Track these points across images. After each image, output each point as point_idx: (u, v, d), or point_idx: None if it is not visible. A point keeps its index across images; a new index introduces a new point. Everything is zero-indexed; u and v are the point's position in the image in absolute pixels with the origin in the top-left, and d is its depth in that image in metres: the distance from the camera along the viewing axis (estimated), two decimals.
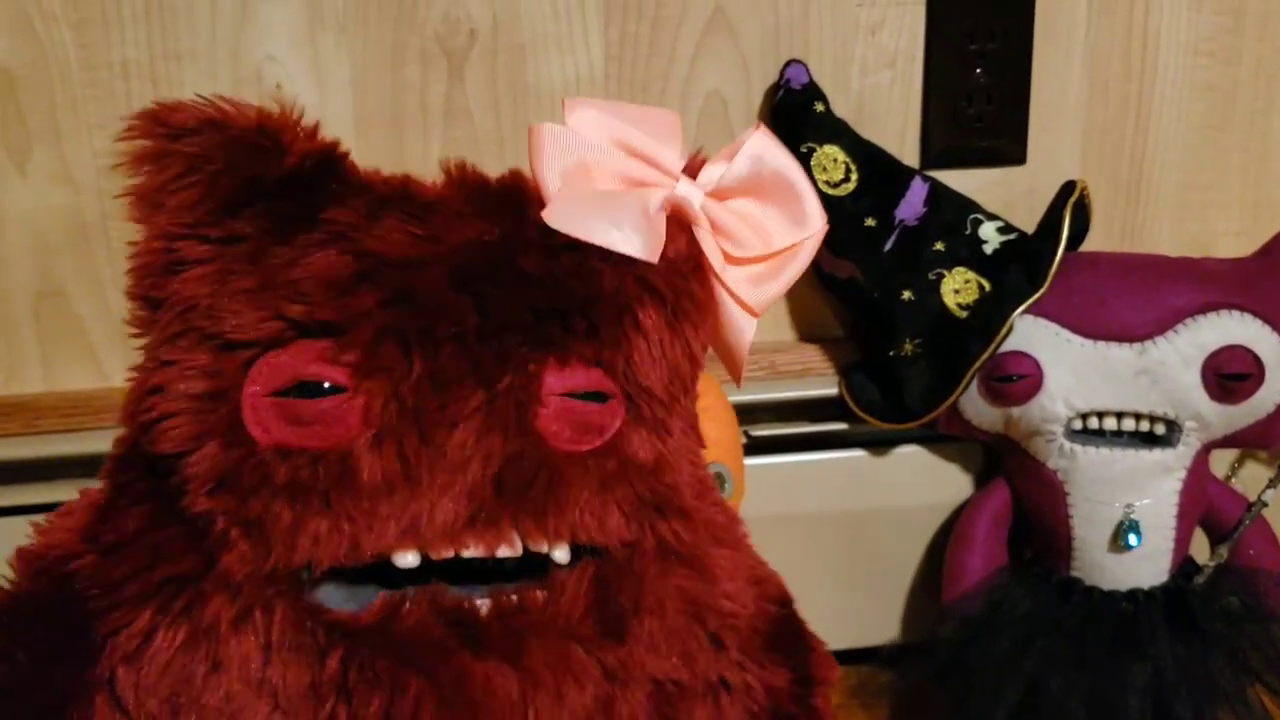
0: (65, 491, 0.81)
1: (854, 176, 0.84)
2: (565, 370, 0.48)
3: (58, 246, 0.82)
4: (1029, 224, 0.83)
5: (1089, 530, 0.81)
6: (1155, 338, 0.78)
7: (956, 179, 0.88)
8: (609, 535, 0.49)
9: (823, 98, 0.84)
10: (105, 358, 0.84)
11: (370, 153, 0.83)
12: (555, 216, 0.48)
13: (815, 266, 0.85)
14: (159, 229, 0.48)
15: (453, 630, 0.46)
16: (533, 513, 0.47)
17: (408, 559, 0.46)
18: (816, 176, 0.83)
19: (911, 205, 0.84)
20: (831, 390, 0.88)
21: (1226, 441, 0.82)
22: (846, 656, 0.91)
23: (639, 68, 0.84)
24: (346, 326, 0.46)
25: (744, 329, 0.53)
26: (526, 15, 0.82)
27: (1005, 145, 0.89)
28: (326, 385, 0.45)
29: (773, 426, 0.90)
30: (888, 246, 0.84)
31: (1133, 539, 0.79)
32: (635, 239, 0.48)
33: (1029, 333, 0.79)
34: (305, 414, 0.45)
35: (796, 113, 0.84)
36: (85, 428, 0.83)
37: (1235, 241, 0.93)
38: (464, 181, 0.51)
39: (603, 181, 0.50)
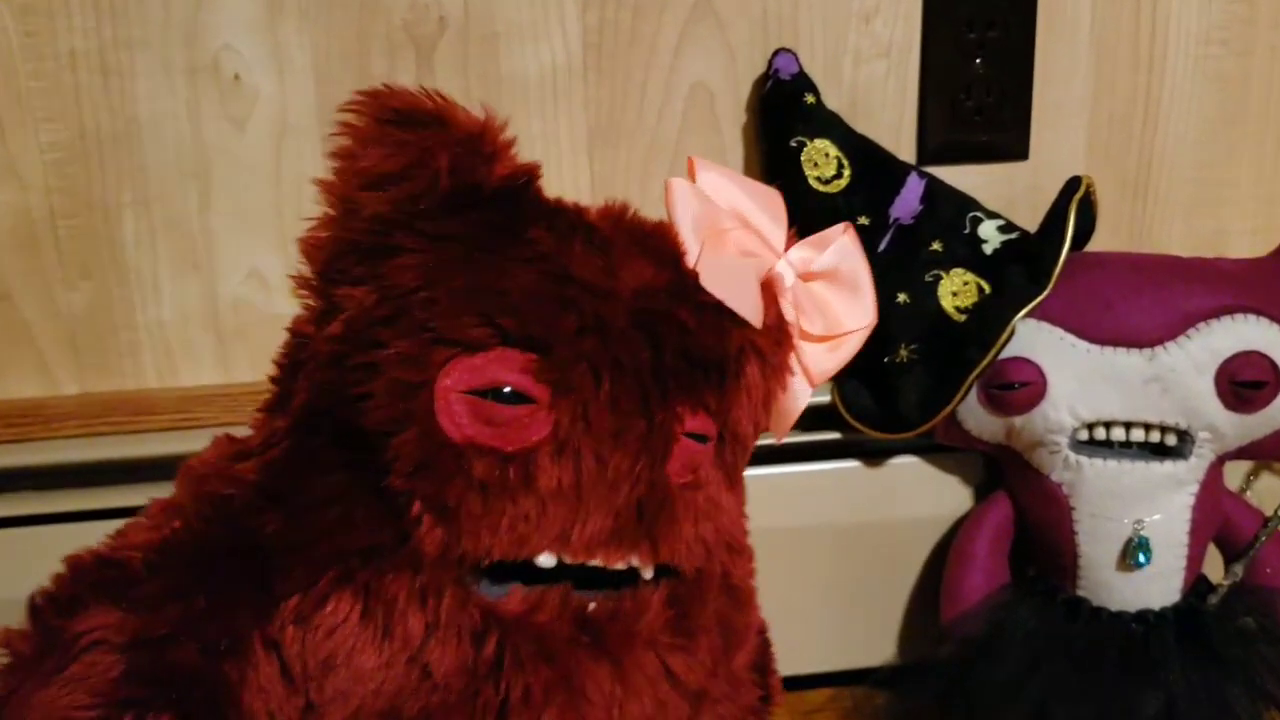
0: (13, 505, 0.77)
1: (846, 172, 0.80)
2: (696, 415, 0.53)
3: (3, 247, 0.77)
4: (1031, 223, 0.79)
5: (1096, 547, 0.76)
6: (1166, 343, 0.73)
7: (955, 175, 0.83)
8: (692, 562, 0.54)
9: (813, 89, 0.79)
10: (54, 364, 0.80)
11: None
12: (706, 277, 0.53)
13: None
14: (375, 210, 0.50)
15: (578, 628, 0.51)
16: (656, 537, 0.52)
17: (549, 560, 0.50)
18: (807, 172, 0.79)
19: (907, 203, 0.79)
20: (825, 398, 0.83)
21: (1242, 453, 0.77)
22: (840, 678, 0.86)
23: (619, 57, 0.80)
24: (550, 344, 0.49)
25: (801, 396, 0.60)
26: (499, 1, 0.77)
27: (1006, 140, 0.85)
28: (522, 394, 0.49)
29: (763, 436, 0.85)
30: (882, 246, 0.79)
31: (1142, 557, 0.75)
32: (754, 306, 0.54)
33: (1032, 337, 0.75)
34: (498, 416, 0.48)
35: (785, 105, 0.79)
36: (33, 437, 0.78)
37: (1250, 240, 0.89)
38: (621, 221, 0.55)
39: (727, 246, 0.55)
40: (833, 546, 0.85)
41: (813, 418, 0.85)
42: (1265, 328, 0.73)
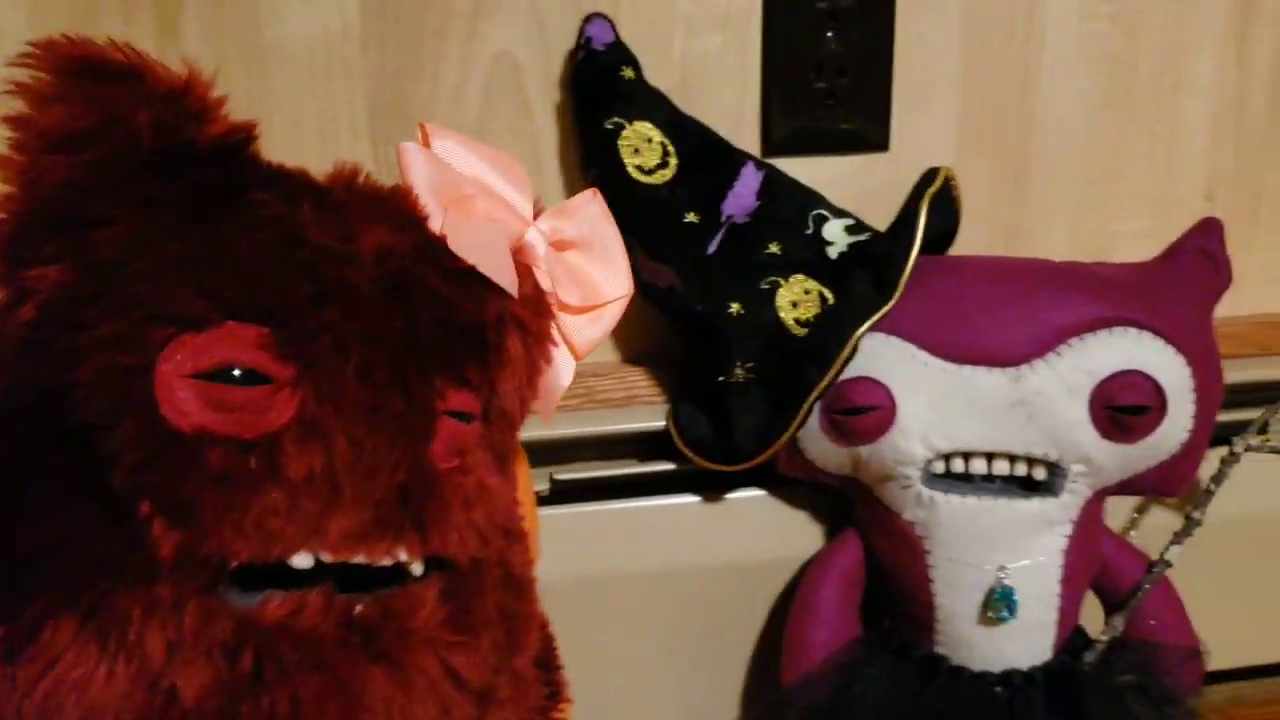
0: None
1: (672, 161, 0.68)
2: (458, 391, 0.49)
3: None
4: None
5: (954, 597, 0.65)
6: (1033, 361, 0.63)
7: (805, 168, 0.72)
8: (466, 552, 0.50)
9: (633, 62, 0.68)
10: None
11: None
12: (455, 241, 0.49)
13: (634, 274, 0.69)
14: (64, 176, 0.44)
15: (346, 631, 0.46)
16: (423, 528, 0.48)
17: (306, 560, 0.46)
18: (625, 159, 0.68)
19: (742, 198, 0.69)
20: (659, 423, 0.72)
21: (1122, 488, 0.67)
22: None
23: (405, 24, 0.68)
24: (286, 316, 0.44)
25: (565, 369, 0.56)
26: None
27: (864, 127, 0.74)
28: (258, 374, 0.44)
29: (586, 468, 0.74)
30: (712, 248, 0.68)
31: (1005, 610, 0.64)
32: (509, 273, 0.50)
33: (880, 355, 0.64)
34: (231, 400, 0.43)
35: (599, 80, 0.68)
36: None
37: (1140, 243, 0.79)
38: (354, 185, 0.50)
39: (471, 211, 0.52)
40: (668, 593, 0.74)
41: (644, 445, 0.74)
42: (1148, 344, 0.63)
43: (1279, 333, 0.81)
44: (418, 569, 0.49)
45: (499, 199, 0.53)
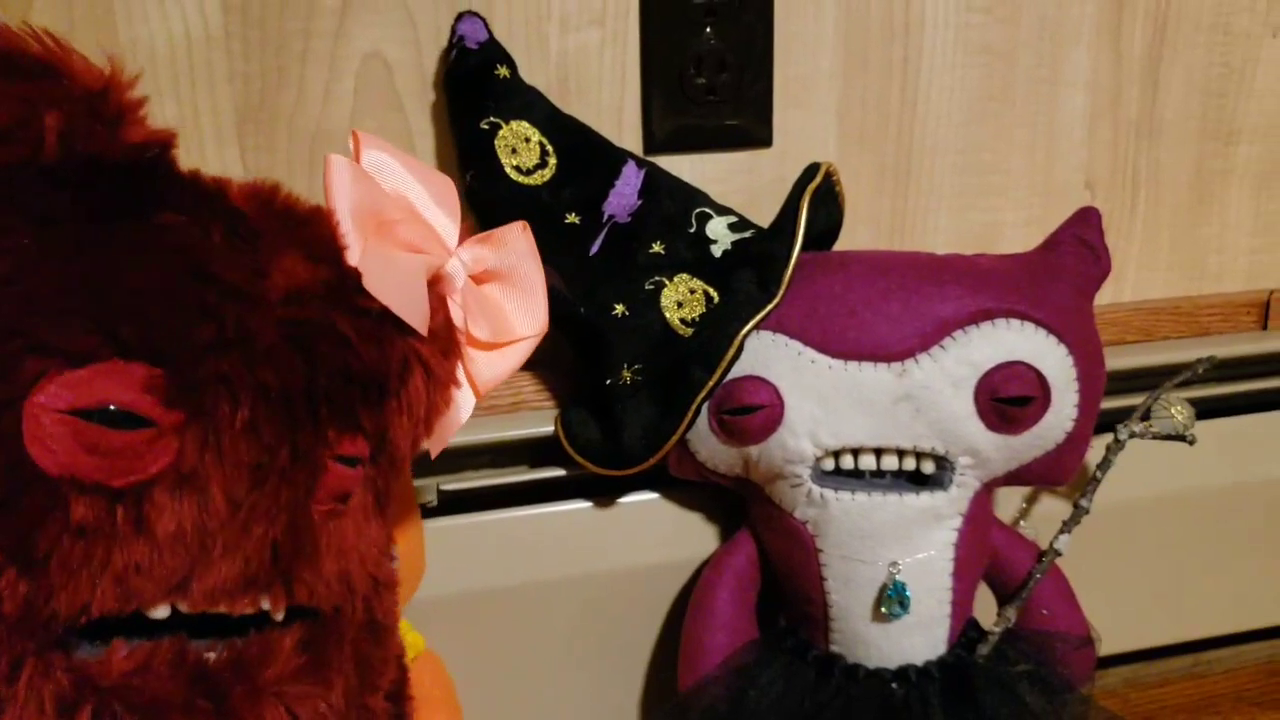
0: None
1: (551, 161, 0.67)
2: (352, 438, 0.47)
3: None
4: None
5: (847, 595, 0.65)
6: (917, 355, 0.63)
7: (688, 166, 0.72)
8: (331, 601, 0.48)
9: (507, 60, 0.67)
10: None
11: None
12: (369, 279, 0.46)
13: None
14: None
15: (195, 686, 0.43)
16: (289, 581, 0.45)
17: (162, 611, 0.43)
18: (503, 160, 0.66)
19: (623, 197, 0.67)
20: (547, 428, 0.71)
21: (1010, 479, 0.67)
22: None
23: (270, 23, 0.65)
24: (180, 360, 0.41)
25: (465, 407, 0.54)
26: None
27: (746, 124, 0.73)
28: (138, 417, 0.41)
29: (474, 476, 0.72)
30: (595, 249, 0.67)
31: (898, 605, 0.64)
32: (420, 311, 0.48)
33: (764, 353, 0.63)
34: (106, 444, 0.40)
35: (473, 79, 0.66)
36: None
37: (1024, 232, 0.79)
38: (272, 205, 0.47)
39: (393, 240, 0.49)
40: (563, 601, 0.72)
41: (533, 452, 0.73)
42: (1030, 334, 0.63)
43: (1160, 319, 0.82)
44: (279, 615, 0.46)
45: (425, 224, 0.50)
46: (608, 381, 0.66)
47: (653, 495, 0.73)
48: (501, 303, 0.55)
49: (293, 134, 0.67)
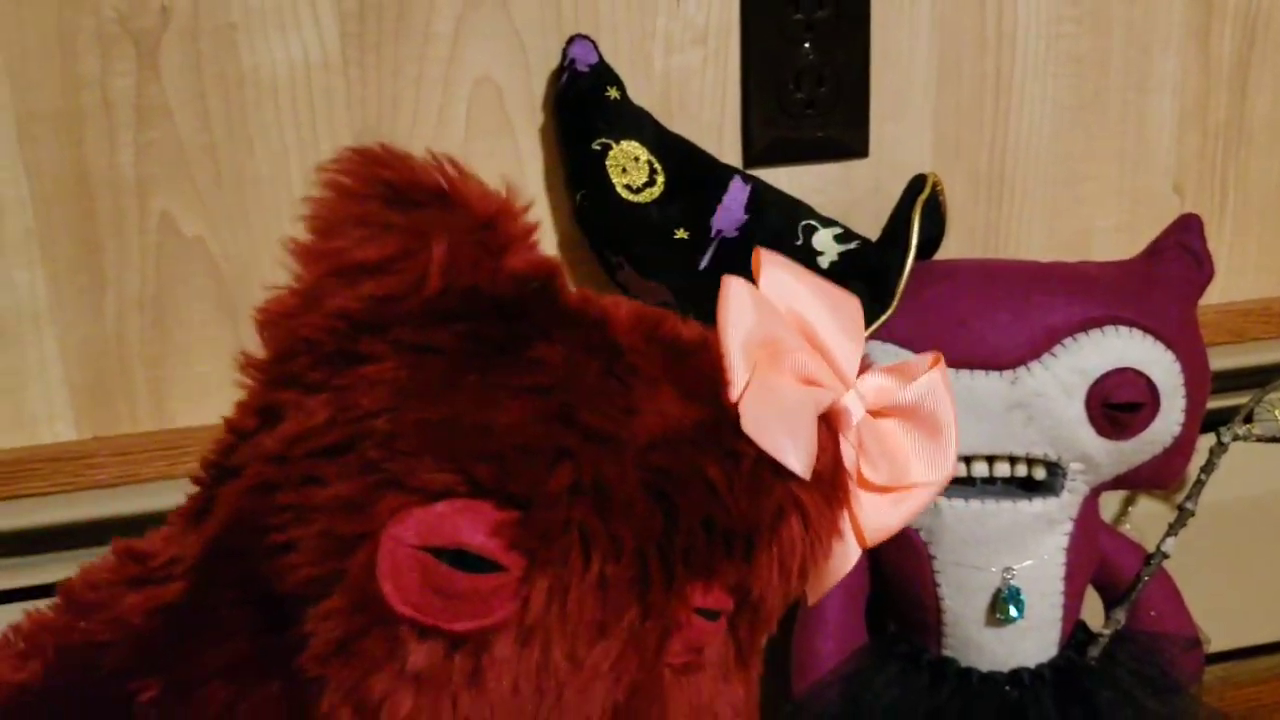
0: None
1: (660, 179, 0.68)
2: (709, 593, 0.42)
3: None
4: (874, 229, 0.68)
5: (961, 601, 0.66)
6: (1029, 363, 0.64)
7: (786, 178, 0.73)
8: None
9: (617, 82, 0.68)
10: None
11: (43, 163, 0.64)
12: (748, 421, 0.42)
13: (620, 291, 0.69)
14: (341, 307, 0.40)
15: None
16: None
17: None
18: (614, 179, 0.67)
19: (730, 212, 0.68)
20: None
21: (1117, 483, 0.68)
22: None
23: (385, 49, 0.67)
24: (533, 505, 0.39)
25: (849, 558, 0.47)
26: None
27: (843, 135, 0.74)
28: (487, 561, 0.39)
29: None
30: (704, 263, 0.68)
31: (1014, 609, 0.65)
32: (805, 454, 0.42)
33: (878, 363, 0.64)
34: (455, 586, 0.39)
35: (584, 101, 0.67)
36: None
37: (1115, 239, 0.80)
38: (656, 337, 0.44)
39: (785, 373, 0.44)
40: None
41: None
42: (1139, 341, 0.64)
43: (1249, 320, 0.83)
44: None
45: (821, 353, 0.45)
46: None
47: None
48: (902, 442, 0.48)
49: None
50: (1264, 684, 0.84)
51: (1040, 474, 0.65)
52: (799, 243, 0.68)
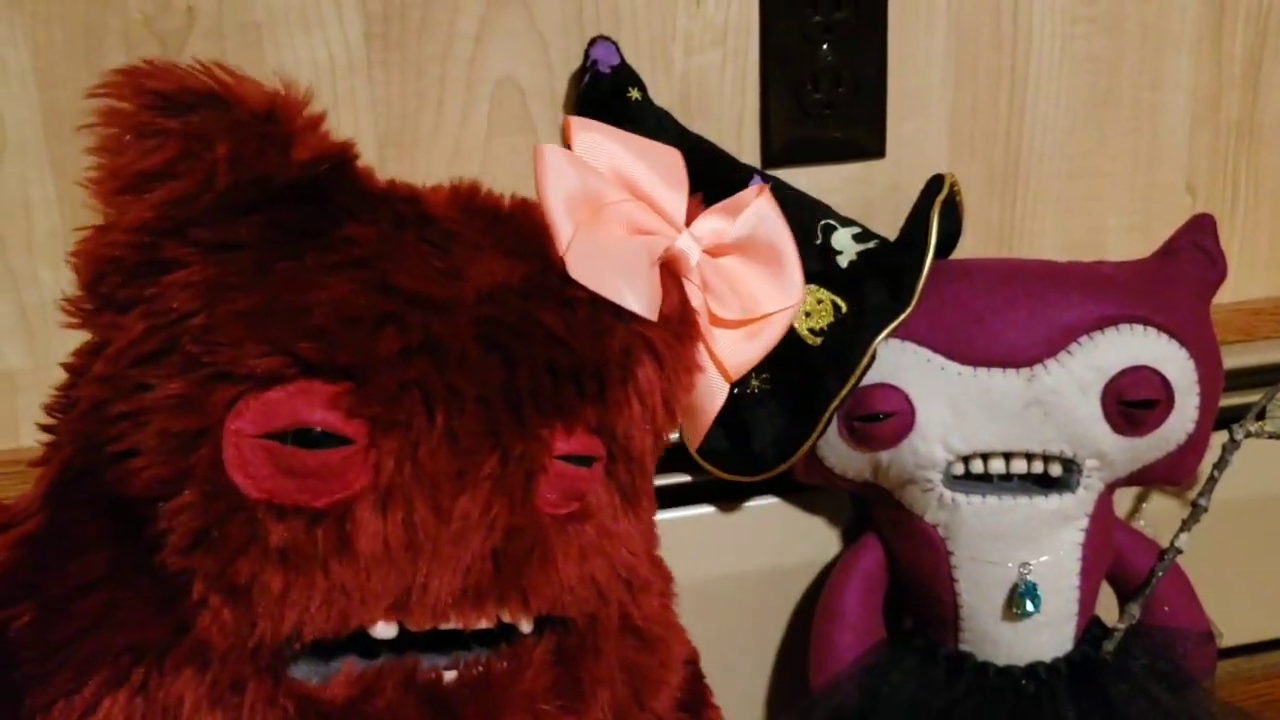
0: None
1: None
2: (570, 434, 0.45)
3: None
4: (892, 228, 0.69)
5: (978, 596, 0.67)
6: (1045, 361, 0.64)
7: (804, 177, 0.73)
8: (581, 607, 0.46)
9: (638, 83, 0.69)
10: None
11: (69, 162, 0.65)
12: (575, 267, 0.45)
13: None
14: (138, 219, 0.42)
15: (427, 707, 0.43)
16: (521, 589, 0.44)
17: (387, 630, 0.42)
18: None
19: None
20: (672, 435, 0.73)
21: (1132, 480, 0.69)
22: None
23: (409, 49, 0.68)
24: (366, 373, 0.41)
25: (716, 394, 0.51)
26: None
27: (860, 135, 0.75)
28: (332, 435, 0.41)
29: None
30: None
31: (1030, 604, 0.66)
32: (644, 295, 0.45)
33: (895, 361, 0.65)
34: (303, 465, 0.40)
35: (607, 102, 0.68)
36: None
37: (1128, 238, 0.81)
38: (473, 207, 0.46)
39: (613, 225, 0.47)
40: (685, 604, 0.74)
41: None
42: (1154, 339, 0.65)
43: (1260, 318, 0.83)
44: (526, 626, 0.45)
45: (648, 203, 0.47)
46: (735, 390, 0.68)
47: (774, 500, 0.75)
48: (745, 276, 0.51)
49: (430, 156, 0.69)
50: (1275, 679, 0.85)
51: (1056, 471, 0.66)
52: (818, 242, 0.69)
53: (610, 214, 0.47)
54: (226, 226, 0.42)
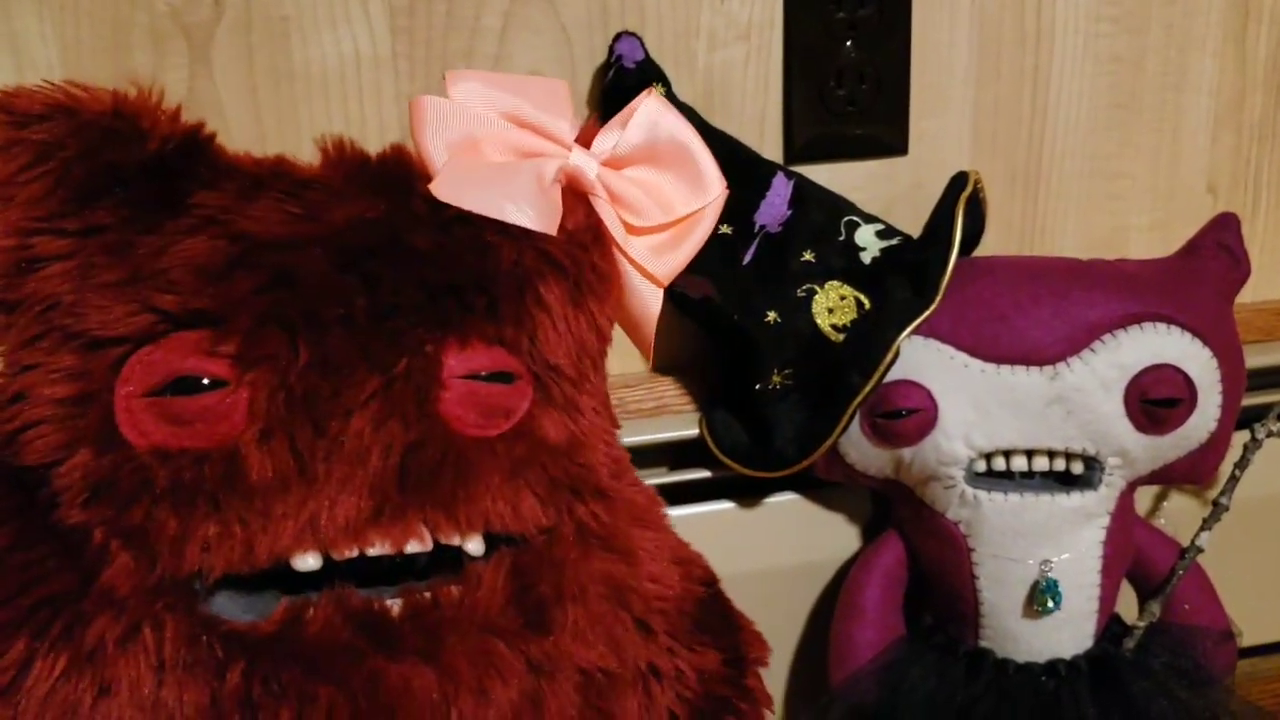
0: None
1: None
2: (466, 351, 0.46)
3: None
4: (914, 225, 0.69)
5: (999, 592, 0.67)
6: (1068, 359, 0.64)
7: (827, 174, 0.73)
8: (524, 522, 0.47)
9: (663, 78, 0.69)
10: None
11: None
12: (443, 189, 0.46)
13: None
14: (9, 225, 0.45)
15: (362, 633, 0.43)
16: (441, 504, 0.45)
17: (308, 561, 0.44)
18: None
19: (773, 207, 0.69)
20: (692, 431, 0.73)
21: (1153, 478, 0.69)
22: None
23: (434, 44, 0.68)
24: (223, 315, 0.43)
25: (650, 301, 0.52)
26: None
27: (883, 132, 0.75)
28: (206, 380, 0.43)
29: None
30: (747, 258, 0.69)
31: (1051, 601, 0.66)
32: (529, 210, 0.47)
33: (918, 358, 0.65)
34: (185, 412, 0.43)
35: (630, 97, 0.67)
36: None
37: (1149, 237, 0.81)
38: (342, 159, 0.49)
39: (493, 155, 0.49)
40: None
41: (679, 454, 0.75)
42: (1177, 337, 0.65)
43: None
44: (475, 548, 0.46)
45: (532, 130, 0.49)
46: (756, 386, 0.69)
47: (793, 496, 0.75)
48: (658, 183, 0.52)
49: None
50: None
51: (1078, 468, 0.66)
52: (841, 238, 0.69)
53: (490, 144, 0.48)
54: (88, 213, 0.45)
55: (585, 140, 0.52)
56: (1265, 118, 0.81)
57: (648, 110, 0.52)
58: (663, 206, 0.52)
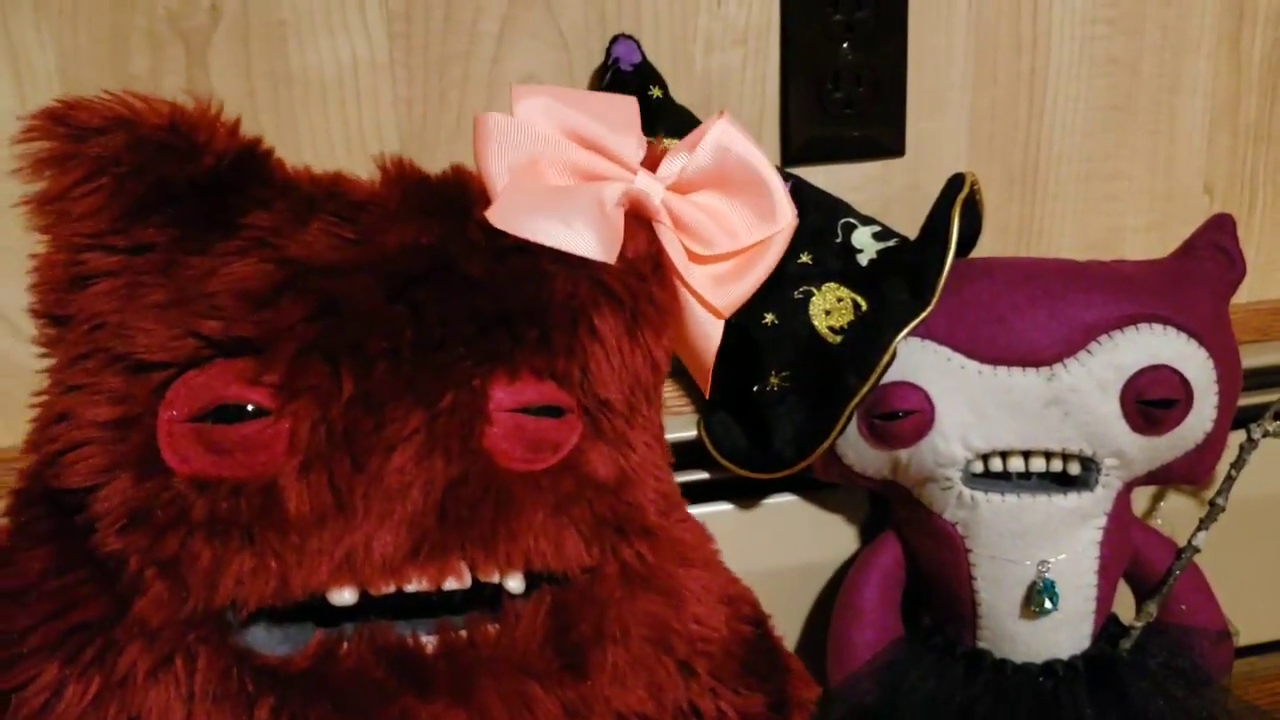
0: None
1: None
2: (515, 384, 0.45)
3: None
4: (910, 227, 0.69)
5: (996, 593, 0.67)
6: (1065, 360, 0.65)
7: (824, 176, 0.74)
8: (567, 560, 0.46)
9: (660, 81, 0.69)
10: None
11: None
12: (500, 215, 0.44)
13: None
14: (63, 239, 0.45)
15: (395, 671, 0.43)
16: (481, 541, 0.44)
17: (344, 596, 0.43)
18: None
19: None
20: (690, 433, 0.73)
21: (1150, 479, 0.69)
22: None
23: (432, 48, 0.68)
24: (267, 343, 0.42)
25: (710, 333, 0.50)
26: None
27: (880, 134, 0.75)
28: (249, 409, 0.42)
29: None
30: None
31: (1049, 602, 0.66)
32: (589, 237, 0.45)
33: (916, 359, 0.65)
34: (225, 440, 0.42)
35: None
36: None
37: (1145, 238, 0.81)
38: (401, 178, 0.47)
39: (554, 176, 0.47)
40: None
41: (678, 456, 0.74)
42: (1173, 338, 0.65)
43: (1277, 319, 0.84)
44: (516, 586, 0.45)
45: (596, 151, 0.47)
46: (754, 388, 0.69)
47: (792, 497, 0.75)
48: (725, 210, 0.50)
49: (452, 154, 0.69)
50: None
51: (1075, 469, 0.66)
52: (838, 240, 0.69)
53: (550, 165, 0.47)
54: (138, 231, 0.45)
55: (653, 162, 0.50)
56: (1260, 119, 0.81)
57: (718, 133, 0.49)
58: (728, 234, 0.50)
